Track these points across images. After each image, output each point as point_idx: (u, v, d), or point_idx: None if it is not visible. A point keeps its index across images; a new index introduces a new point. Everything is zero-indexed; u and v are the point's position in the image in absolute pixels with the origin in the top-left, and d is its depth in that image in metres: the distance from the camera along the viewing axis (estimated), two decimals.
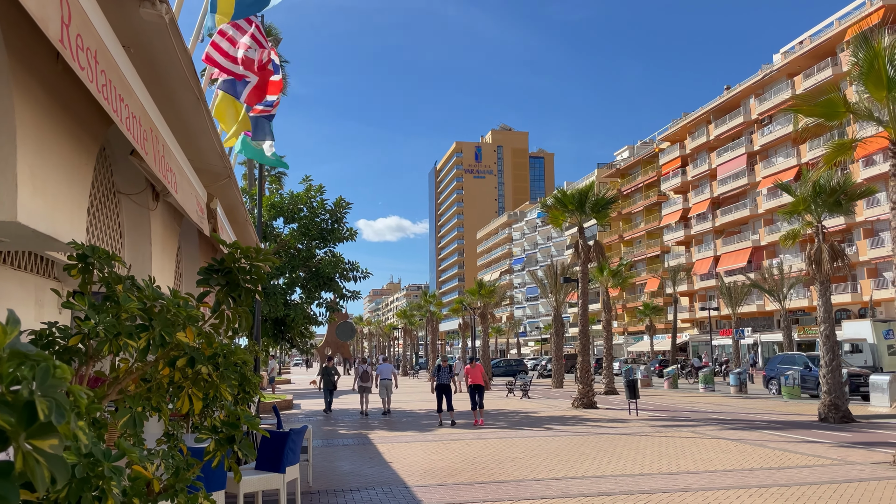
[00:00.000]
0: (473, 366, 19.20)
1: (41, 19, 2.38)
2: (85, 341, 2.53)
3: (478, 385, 18.74)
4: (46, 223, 3.36)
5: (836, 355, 18.92)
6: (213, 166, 6.42)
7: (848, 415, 18.25)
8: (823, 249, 19.19)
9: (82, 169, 4.00)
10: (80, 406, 0.99)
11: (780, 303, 40.77)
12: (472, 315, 47.60)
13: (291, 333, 23.38)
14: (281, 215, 22.97)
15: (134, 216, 5.91)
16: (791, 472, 10.47)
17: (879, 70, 11.95)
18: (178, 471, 2.71)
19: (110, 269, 2.70)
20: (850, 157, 14.76)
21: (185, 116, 5.03)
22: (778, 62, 57.32)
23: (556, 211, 26.77)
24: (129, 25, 3.63)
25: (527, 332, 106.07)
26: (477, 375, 18.88)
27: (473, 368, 19.08)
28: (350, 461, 12.35)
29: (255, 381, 3.21)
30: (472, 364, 19.35)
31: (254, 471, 7.63)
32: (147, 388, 2.78)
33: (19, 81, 3.07)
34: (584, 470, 10.98)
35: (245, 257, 2.93)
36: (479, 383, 18.76)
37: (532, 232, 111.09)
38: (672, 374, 35.75)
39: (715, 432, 15.82)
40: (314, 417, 21.48)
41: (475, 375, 18.90)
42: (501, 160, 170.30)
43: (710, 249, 65.34)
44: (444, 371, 18.84)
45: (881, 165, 43.73)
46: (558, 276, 41.92)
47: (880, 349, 29.83)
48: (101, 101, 2.99)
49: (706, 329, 59.80)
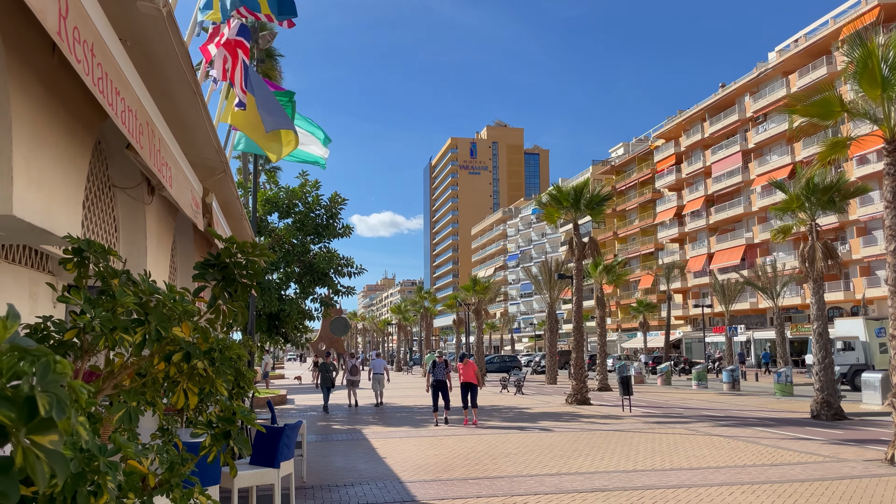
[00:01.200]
0: (465, 363, 18.49)
1: (39, 11, 2.36)
2: (80, 336, 2.52)
3: (470, 383, 17.99)
4: (42, 217, 3.34)
5: (829, 353, 19.02)
6: (208, 160, 6.39)
7: (840, 412, 18.35)
8: (817, 247, 19.26)
9: (78, 162, 3.98)
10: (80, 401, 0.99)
11: (773, 300, 40.91)
12: (467, 311, 47.63)
13: (286, 328, 23.35)
14: (276, 210, 22.93)
15: (129, 210, 5.89)
16: (784, 469, 10.53)
17: (874, 69, 11.98)
18: (172, 466, 2.71)
19: (106, 264, 2.69)
20: (844, 155, 14.81)
21: (182, 110, 5.01)
22: (773, 60, 57.45)
23: (551, 208, 26.80)
24: (126, 18, 3.61)
25: (521, 328, 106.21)
26: (469, 373, 18.18)
27: (465, 366, 18.36)
28: (344, 456, 12.35)
29: (249, 375, 3.21)
30: (463, 361, 18.66)
31: (248, 466, 7.62)
32: (142, 383, 2.77)
33: (15, 74, 3.05)
34: (578, 466, 11.01)
35: (241, 252, 2.92)
36: (471, 381, 18.02)
37: (527, 228, 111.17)
38: (665, 370, 35.88)
39: (708, 429, 15.89)
40: (308, 412, 21.48)
41: (467, 373, 18.20)
42: (496, 156, 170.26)
43: (704, 247, 65.54)
44: (441, 367, 18.30)
45: (875, 164, 43.92)
46: (553, 272, 41.94)
47: (872, 347, 29.96)
48: (96, 95, 2.98)
49: (700, 326, 59.99)
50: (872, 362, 29.60)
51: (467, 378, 18.01)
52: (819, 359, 18.86)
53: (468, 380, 17.98)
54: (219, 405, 2.94)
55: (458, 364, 18.53)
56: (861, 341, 30.24)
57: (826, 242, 19.68)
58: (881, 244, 44.10)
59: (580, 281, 25.84)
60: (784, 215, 20.59)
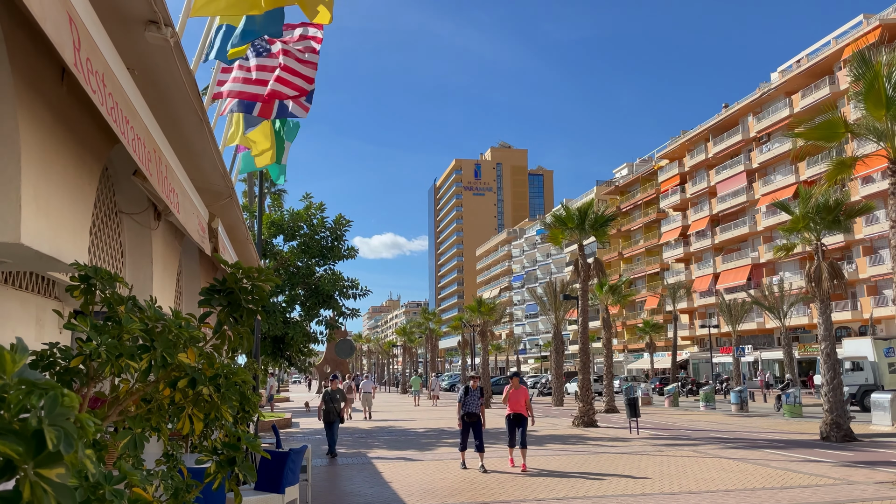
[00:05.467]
0: (516, 387, 13.98)
1: (59, 44, 2.40)
2: (86, 362, 2.53)
3: (519, 416, 13.78)
4: (49, 244, 3.37)
5: (838, 373, 18.86)
6: (214, 185, 6.44)
7: (850, 433, 18.15)
8: (823, 267, 19.19)
9: (85, 189, 4.02)
10: (88, 434, 1.00)
11: (780, 320, 40.66)
12: (472, 332, 47.48)
13: (290, 351, 23.31)
14: (281, 233, 23.02)
15: (135, 236, 5.93)
16: (794, 493, 10.40)
17: (879, 90, 12.05)
18: (177, 492, 2.70)
19: (112, 290, 2.71)
20: (849, 174, 14.83)
21: (188, 136, 5.06)
22: (776, 81, 57.71)
23: (555, 229, 26.82)
24: (134, 48, 3.67)
25: (526, 349, 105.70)
26: (520, 401, 13.85)
27: (516, 392, 13.93)
28: (349, 481, 12.26)
29: (254, 399, 3.21)
30: (512, 383, 14.08)
31: (253, 491, 7.57)
32: (147, 409, 2.77)
33: (24, 103, 3.09)
34: (586, 490, 10.90)
35: (247, 277, 2.93)
36: (521, 413, 13.81)
37: (531, 249, 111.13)
38: (673, 391, 35.59)
39: (717, 451, 15.73)
40: (313, 436, 21.34)
41: (517, 401, 13.86)
42: (501, 177, 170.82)
43: (709, 267, 65.35)
44: (474, 395, 13.82)
45: (880, 183, 43.87)
46: (558, 293, 41.88)
47: (881, 367, 29.67)
48: (111, 124, 3.01)
49: (706, 347, 59.61)
50: (882, 382, 29.31)
51: (516, 408, 13.83)
52: (828, 379, 18.70)
53: (517, 410, 13.82)
54: (223, 430, 2.93)
55: (505, 388, 14.30)
56: (870, 361, 29.97)
57: (832, 262, 19.61)
58: (888, 263, 43.91)
59: (586, 302, 25.76)
60: (791, 235, 20.57)
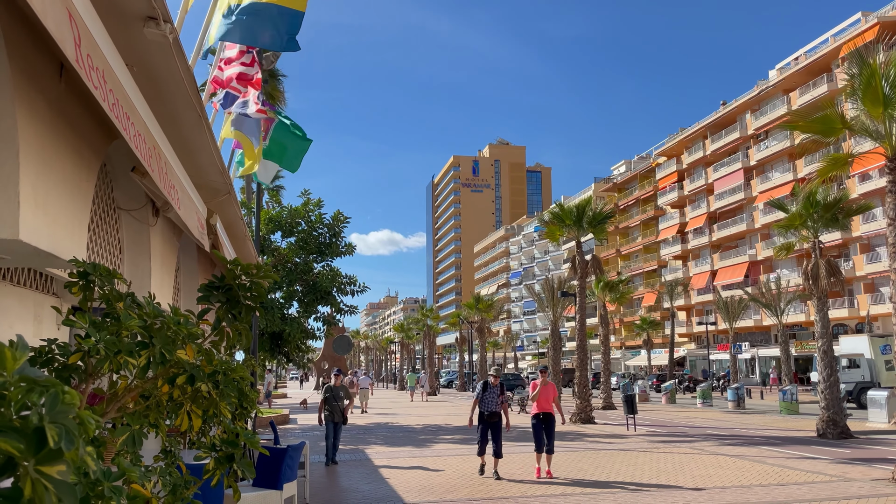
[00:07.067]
0: (545, 383, 12.27)
1: (61, 40, 2.40)
2: (85, 359, 2.53)
3: (548, 415, 12.17)
4: (48, 241, 3.36)
5: (834, 371, 18.90)
6: (213, 182, 6.43)
7: (846, 430, 18.20)
8: (820, 265, 19.23)
9: (83, 185, 4.01)
10: (88, 432, 1.00)
11: (777, 317, 40.75)
12: (470, 329, 47.50)
13: (288, 348, 23.32)
14: (279, 229, 23.00)
15: (134, 232, 5.92)
16: (790, 489, 10.43)
17: (876, 87, 12.06)
18: (175, 489, 2.70)
19: (111, 287, 2.71)
20: (845, 171, 14.84)
21: (187, 133, 5.05)
22: (774, 78, 57.72)
23: (553, 226, 26.82)
24: (133, 45, 3.66)
25: (524, 346, 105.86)
26: (548, 399, 12.16)
27: (545, 387, 12.20)
28: (347, 477, 12.28)
29: (252, 396, 3.21)
30: (542, 377, 12.37)
31: (251, 487, 7.58)
32: (146, 406, 2.77)
33: (23, 99, 3.09)
34: (583, 487, 10.92)
35: (245, 274, 2.94)
36: (548, 411, 12.21)
37: (529, 246, 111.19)
38: (670, 388, 35.66)
39: (713, 448, 15.77)
40: (311, 432, 21.35)
41: (545, 399, 12.15)
42: (499, 174, 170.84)
43: (707, 264, 65.43)
44: (493, 392, 12.03)
45: (877, 181, 43.94)
46: (555, 290, 41.85)
47: (878, 364, 29.77)
48: (113, 121, 3.01)
49: (703, 343, 59.73)
50: (878, 380, 29.40)
51: (545, 406, 12.16)
52: (824, 377, 18.74)
53: (545, 409, 12.17)
54: (222, 427, 2.94)
55: (532, 382, 12.54)
56: (866, 358, 30.06)
57: (829, 260, 19.64)
58: (885, 261, 44.01)
59: (583, 299, 25.79)
60: (787, 233, 20.60)
